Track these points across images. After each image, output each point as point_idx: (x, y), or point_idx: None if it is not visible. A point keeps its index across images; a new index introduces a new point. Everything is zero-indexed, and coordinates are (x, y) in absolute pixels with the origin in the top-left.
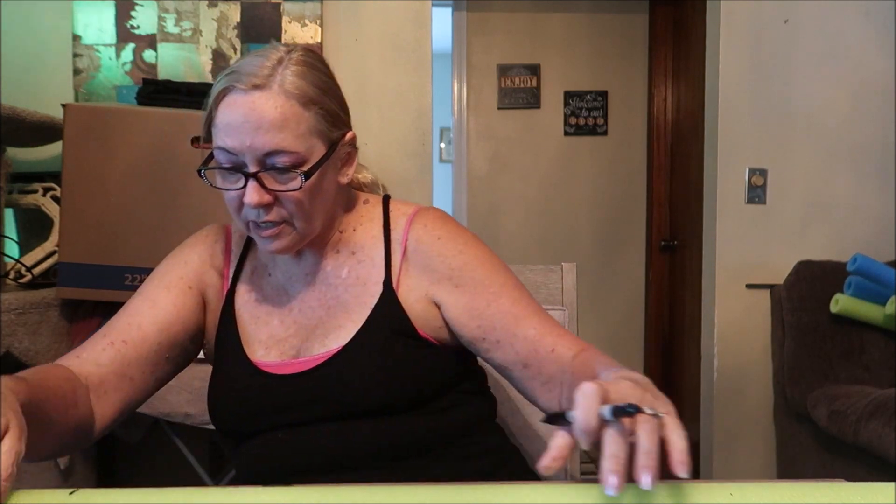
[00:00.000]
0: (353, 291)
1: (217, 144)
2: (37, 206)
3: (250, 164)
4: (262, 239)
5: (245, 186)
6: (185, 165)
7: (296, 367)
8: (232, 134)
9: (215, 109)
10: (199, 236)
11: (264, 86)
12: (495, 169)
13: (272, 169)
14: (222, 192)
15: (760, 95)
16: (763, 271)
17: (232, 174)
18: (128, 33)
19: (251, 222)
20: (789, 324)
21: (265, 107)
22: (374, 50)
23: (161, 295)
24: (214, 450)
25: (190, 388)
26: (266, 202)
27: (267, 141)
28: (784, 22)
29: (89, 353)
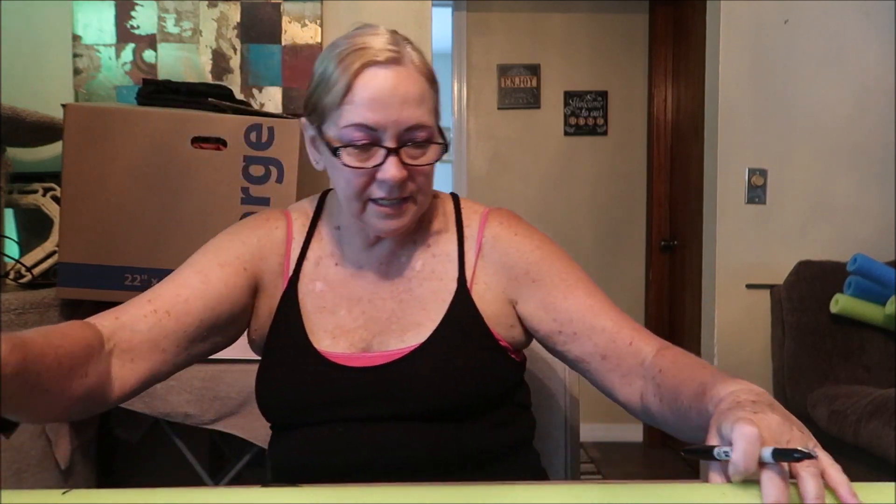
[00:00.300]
0: (427, 286)
1: (353, 121)
2: (37, 206)
3: (389, 139)
4: (383, 218)
5: (382, 163)
6: (185, 165)
7: (368, 361)
8: (376, 108)
9: (351, 85)
10: (258, 219)
11: (401, 61)
12: (495, 169)
13: (408, 144)
14: (344, 170)
15: (760, 95)
16: (763, 271)
17: (364, 151)
18: (128, 33)
19: (372, 201)
20: (789, 324)
21: (407, 81)
22: None
23: (214, 271)
24: (214, 450)
25: (190, 388)
26: (403, 176)
27: (411, 115)
28: (784, 22)
29: (129, 316)
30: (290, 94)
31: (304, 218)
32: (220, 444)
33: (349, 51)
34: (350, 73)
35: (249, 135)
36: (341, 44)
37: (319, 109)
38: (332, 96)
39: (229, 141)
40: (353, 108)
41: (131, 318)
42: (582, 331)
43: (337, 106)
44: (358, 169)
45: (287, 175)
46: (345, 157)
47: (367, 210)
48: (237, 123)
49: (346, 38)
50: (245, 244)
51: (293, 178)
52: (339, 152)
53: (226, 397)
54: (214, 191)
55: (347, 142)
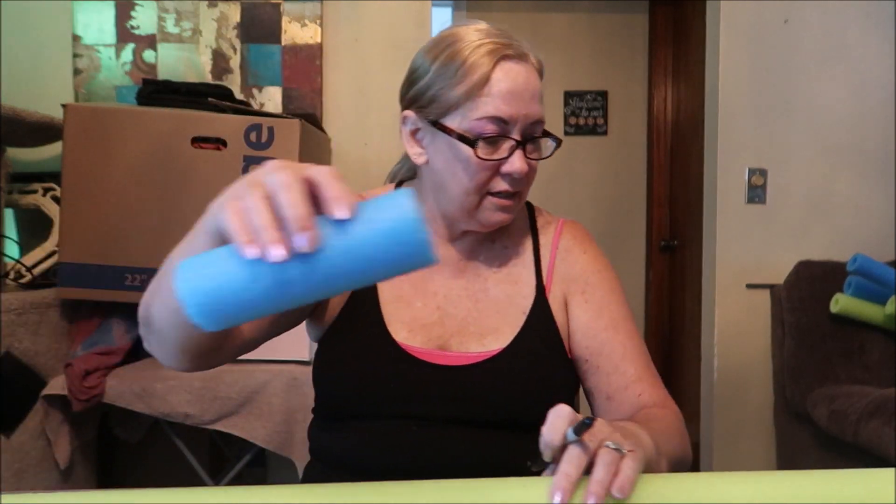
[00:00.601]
0: (503, 289)
1: (489, 113)
2: (37, 206)
3: (516, 133)
4: (498, 210)
5: (508, 156)
6: (185, 165)
7: (448, 360)
8: (511, 101)
9: (489, 77)
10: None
11: (527, 57)
12: None
13: (530, 139)
14: (470, 162)
15: (760, 95)
16: (763, 271)
17: (494, 144)
18: (128, 33)
19: (490, 193)
20: (789, 324)
21: (533, 76)
22: (374, 50)
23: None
24: (214, 450)
25: (190, 388)
26: (529, 169)
27: (537, 110)
28: (784, 22)
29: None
30: (290, 94)
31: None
32: (220, 444)
33: (480, 44)
34: (488, 65)
35: (249, 135)
36: (467, 36)
37: (442, 101)
38: (464, 88)
39: (229, 141)
40: (489, 101)
41: None
42: (604, 368)
43: (472, 97)
44: (487, 161)
45: None
46: (480, 148)
47: (484, 203)
48: (237, 123)
49: (466, 32)
50: None
51: None
52: (476, 144)
53: (226, 397)
54: (214, 191)
55: (478, 134)
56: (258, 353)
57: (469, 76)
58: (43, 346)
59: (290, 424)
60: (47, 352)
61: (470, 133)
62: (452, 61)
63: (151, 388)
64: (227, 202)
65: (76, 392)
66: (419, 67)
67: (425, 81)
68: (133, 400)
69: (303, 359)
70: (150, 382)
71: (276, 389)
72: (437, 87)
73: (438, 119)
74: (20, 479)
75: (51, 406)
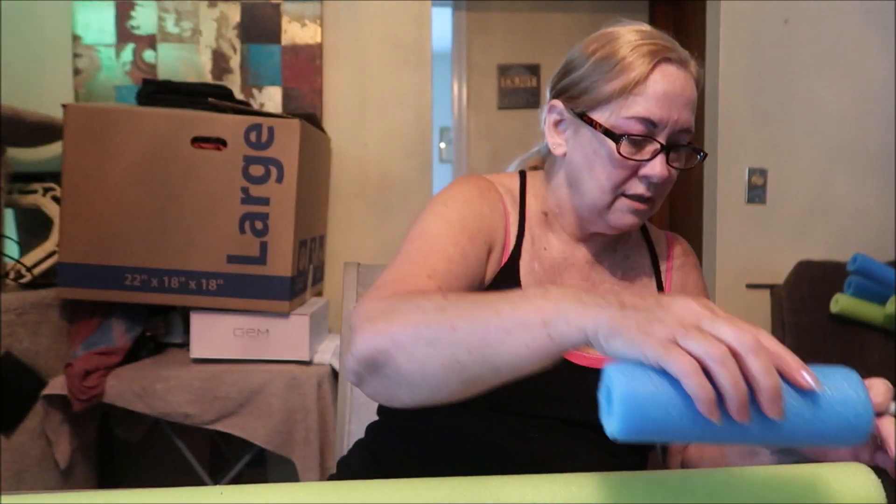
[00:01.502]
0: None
1: (640, 113)
2: (37, 206)
3: (662, 137)
4: (629, 213)
5: (650, 159)
6: (185, 165)
7: (583, 360)
8: (664, 105)
9: (647, 77)
10: (480, 187)
11: (687, 63)
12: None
13: (674, 146)
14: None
15: (760, 95)
16: (763, 271)
17: (637, 144)
18: (128, 33)
19: (627, 196)
20: (789, 324)
21: (690, 83)
22: (374, 50)
23: (468, 246)
24: (214, 450)
25: (190, 388)
26: (668, 176)
27: (687, 118)
28: (784, 22)
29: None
30: (290, 94)
31: (510, 194)
32: (220, 444)
33: (642, 42)
34: (648, 64)
35: (249, 135)
36: (627, 35)
37: (593, 94)
38: (619, 84)
39: (229, 141)
40: (642, 100)
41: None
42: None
43: (625, 94)
44: (628, 160)
45: (287, 175)
46: (624, 147)
47: (617, 203)
48: (237, 123)
49: (627, 30)
50: (482, 216)
51: (293, 177)
52: (621, 140)
53: (226, 397)
54: (214, 191)
55: (625, 132)
56: (258, 353)
57: (626, 73)
58: (43, 346)
59: (290, 424)
60: (47, 352)
61: (616, 129)
62: (611, 56)
63: (151, 388)
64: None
65: (76, 392)
66: (575, 59)
67: (580, 73)
68: (133, 400)
69: (303, 359)
70: (150, 382)
71: (276, 389)
72: (590, 80)
73: (586, 111)
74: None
75: (51, 406)
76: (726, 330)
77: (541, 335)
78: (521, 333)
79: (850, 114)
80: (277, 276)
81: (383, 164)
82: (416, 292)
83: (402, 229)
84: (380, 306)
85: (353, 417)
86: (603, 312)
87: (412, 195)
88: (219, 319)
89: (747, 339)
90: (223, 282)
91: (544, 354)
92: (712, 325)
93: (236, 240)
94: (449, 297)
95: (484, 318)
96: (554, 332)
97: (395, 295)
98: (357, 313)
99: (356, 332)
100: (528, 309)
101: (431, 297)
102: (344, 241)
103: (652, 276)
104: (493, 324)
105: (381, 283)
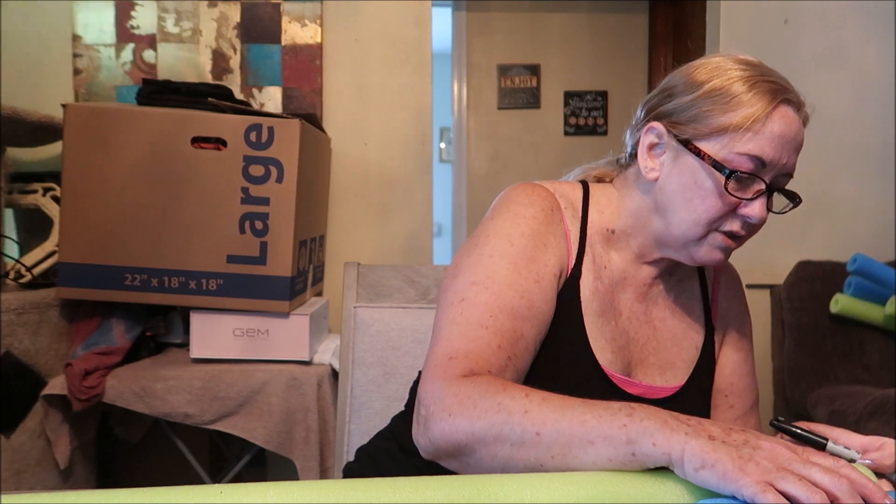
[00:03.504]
0: (679, 321)
1: (753, 151)
2: (37, 206)
3: (768, 179)
4: (719, 249)
5: (752, 199)
6: (185, 165)
7: (638, 389)
8: (777, 146)
9: (769, 116)
10: (544, 209)
11: (802, 107)
12: (495, 169)
13: (775, 189)
14: (712, 193)
15: None
16: (763, 271)
17: (742, 182)
18: (128, 33)
19: (721, 231)
20: (789, 324)
21: (802, 129)
22: (374, 50)
23: (534, 291)
24: (214, 450)
25: (190, 388)
26: (766, 218)
27: (793, 162)
28: (784, 22)
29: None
30: (290, 93)
31: (571, 207)
32: (220, 444)
33: (764, 79)
34: (769, 103)
35: (249, 135)
36: (746, 70)
37: (704, 123)
38: (738, 117)
39: (229, 141)
40: (758, 138)
41: (504, 372)
42: (738, 409)
43: (740, 129)
44: (731, 197)
45: (287, 175)
46: (731, 183)
47: (708, 237)
48: (237, 123)
49: (743, 63)
50: (547, 247)
51: (293, 178)
52: (731, 177)
53: (226, 397)
54: (214, 191)
55: (735, 167)
56: (258, 353)
57: (744, 108)
58: (43, 346)
59: (289, 424)
60: (47, 352)
61: (726, 164)
62: (728, 88)
63: (151, 388)
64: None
65: (76, 392)
66: (681, 83)
67: (689, 98)
68: (133, 400)
69: (303, 359)
70: (150, 382)
71: (276, 389)
72: (702, 108)
73: (692, 140)
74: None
75: (51, 406)
76: (821, 476)
77: (624, 452)
78: (605, 447)
79: (850, 113)
80: (277, 276)
81: (383, 164)
82: (495, 384)
83: (403, 229)
84: (458, 395)
85: (353, 417)
86: (691, 441)
87: (412, 195)
88: (219, 319)
89: (844, 486)
90: (223, 282)
91: (624, 468)
92: (805, 468)
93: (236, 240)
94: (532, 397)
95: (569, 429)
96: (638, 451)
97: (473, 380)
98: (431, 393)
99: (433, 417)
100: (613, 424)
101: (514, 394)
102: (344, 241)
103: (700, 301)
104: (577, 434)
105: (452, 352)
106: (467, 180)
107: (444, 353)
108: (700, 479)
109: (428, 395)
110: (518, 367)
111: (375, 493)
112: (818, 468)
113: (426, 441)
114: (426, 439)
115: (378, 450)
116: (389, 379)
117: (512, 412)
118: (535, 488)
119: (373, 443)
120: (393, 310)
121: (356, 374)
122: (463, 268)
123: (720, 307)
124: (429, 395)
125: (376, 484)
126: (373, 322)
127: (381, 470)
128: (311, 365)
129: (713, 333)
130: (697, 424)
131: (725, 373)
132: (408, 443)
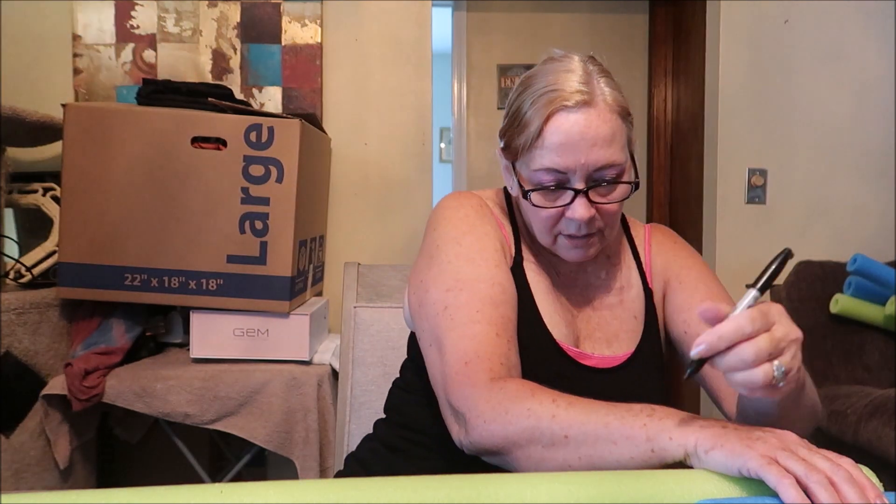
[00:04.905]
0: (615, 295)
1: (543, 165)
2: (37, 206)
3: (578, 181)
4: (572, 249)
5: (571, 203)
6: (185, 165)
7: (592, 361)
8: (564, 153)
9: (541, 131)
10: (472, 206)
11: (591, 101)
12: (495, 169)
13: (597, 183)
14: (536, 209)
15: (760, 95)
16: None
17: (553, 192)
18: (128, 33)
19: (563, 235)
20: None
21: (597, 123)
22: (374, 50)
23: (501, 276)
24: (214, 450)
25: (190, 388)
26: (591, 216)
27: (600, 156)
28: (784, 22)
29: (508, 357)
30: (290, 93)
31: (498, 207)
32: (219, 444)
33: (541, 93)
34: (541, 118)
35: (249, 135)
36: (537, 82)
37: (513, 147)
38: (525, 139)
39: (229, 141)
40: (543, 153)
41: (510, 356)
42: (689, 331)
43: (528, 149)
44: (549, 208)
45: (287, 175)
46: (534, 198)
47: (558, 241)
48: (237, 123)
49: (541, 74)
50: (488, 235)
51: (293, 178)
52: (529, 195)
53: (226, 397)
54: (214, 191)
55: (537, 184)
56: (258, 353)
57: (527, 128)
58: (43, 345)
59: (289, 424)
60: (47, 352)
61: (531, 182)
62: (520, 110)
63: (151, 388)
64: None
65: (76, 392)
66: (508, 107)
67: (505, 123)
68: (133, 400)
69: (303, 359)
70: (149, 382)
71: (276, 389)
72: (509, 133)
73: (512, 163)
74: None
75: (50, 406)
76: (823, 461)
77: (644, 449)
78: (627, 446)
79: (850, 114)
80: (277, 276)
81: (383, 164)
82: (523, 390)
83: (403, 229)
84: (489, 402)
85: (353, 417)
86: (705, 430)
87: (412, 195)
88: (219, 319)
89: (842, 473)
90: (223, 282)
91: (645, 465)
92: (809, 455)
93: (236, 240)
94: (559, 401)
95: (594, 431)
96: (657, 447)
97: (502, 387)
98: (463, 401)
99: (471, 424)
100: (634, 424)
101: (542, 400)
102: (344, 241)
103: (636, 270)
104: (602, 435)
105: (464, 356)
106: (467, 180)
107: (457, 359)
108: (711, 460)
109: (461, 402)
110: (516, 347)
111: (375, 493)
112: (821, 456)
113: (468, 443)
114: (468, 442)
115: (365, 451)
116: (389, 379)
117: (541, 417)
118: (535, 488)
119: (360, 447)
120: (393, 310)
121: (356, 373)
122: (429, 281)
123: (654, 268)
124: (462, 403)
125: (376, 484)
126: (373, 322)
127: (369, 468)
128: (311, 365)
129: (652, 297)
130: (714, 421)
131: (676, 317)
132: (390, 442)
